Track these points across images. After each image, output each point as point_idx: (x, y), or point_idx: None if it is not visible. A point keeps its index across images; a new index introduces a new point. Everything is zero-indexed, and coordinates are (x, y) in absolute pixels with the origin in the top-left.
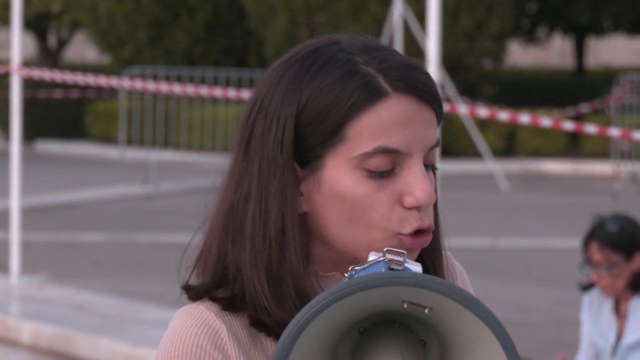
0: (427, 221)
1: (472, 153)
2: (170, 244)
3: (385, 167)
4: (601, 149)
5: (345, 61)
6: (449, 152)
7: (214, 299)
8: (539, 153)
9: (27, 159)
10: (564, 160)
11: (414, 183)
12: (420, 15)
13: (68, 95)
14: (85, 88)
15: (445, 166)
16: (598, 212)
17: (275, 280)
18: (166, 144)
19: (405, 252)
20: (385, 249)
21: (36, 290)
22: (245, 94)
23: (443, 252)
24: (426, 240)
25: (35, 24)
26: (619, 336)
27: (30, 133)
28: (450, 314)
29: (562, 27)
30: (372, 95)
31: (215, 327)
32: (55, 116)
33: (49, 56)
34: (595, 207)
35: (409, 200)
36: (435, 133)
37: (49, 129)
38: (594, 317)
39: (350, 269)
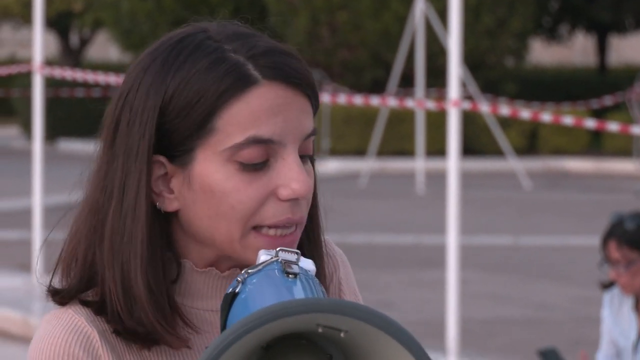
0: (300, 214)
1: (495, 151)
2: None
3: (258, 158)
4: (624, 147)
5: (212, 49)
6: (471, 150)
7: (83, 303)
8: (561, 151)
9: (49, 158)
10: (586, 159)
11: (290, 174)
12: (442, 13)
13: (90, 94)
14: (107, 87)
15: (467, 164)
16: (617, 210)
17: (129, 283)
18: None
19: (295, 251)
20: (278, 249)
21: None
22: None
23: (322, 244)
24: (296, 237)
25: (58, 23)
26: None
27: (53, 132)
28: (367, 335)
29: (584, 25)
30: (240, 84)
31: (87, 332)
32: (78, 115)
33: (71, 55)
34: (617, 205)
35: (284, 193)
36: (310, 122)
37: (71, 128)
38: (615, 315)
39: (243, 272)
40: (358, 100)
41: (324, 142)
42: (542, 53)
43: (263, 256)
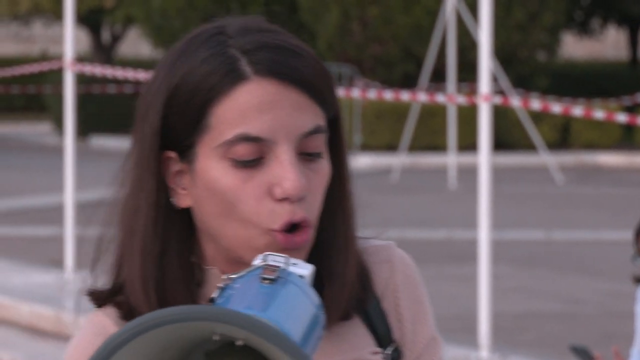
0: (301, 214)
1: (527, 146)
2: None
3: (249, 156)
4: None
5: (216, 43)
6: (503, 145)
7: (116, 304)
8: (593, 145)
9: (81, 154)
10: (618, 153)
11: (281, 173)
12: (474, 7)
13: (122, 91)
14: (139, 83)
15: (499, 159)
16: None
17: (143, 279)
18: None
19: (284, 255)
20: (265, 253)
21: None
22: None
23: (348, 246)
24: (303, 238)
25: (89, 19)
26: None
27: (85, 128)
28: (264, 344)
29: (616, 19)
30: (229, 80)
31: None
32: (109, 111)
33: (103, 51)
34: None
35: (277, 192)
36: (309, 119)
37: (103, 124)
38: None
39: (226, 277)
40: (389, 95)
41: (356, 138)
42: (574, 47)
43: (256, 261)
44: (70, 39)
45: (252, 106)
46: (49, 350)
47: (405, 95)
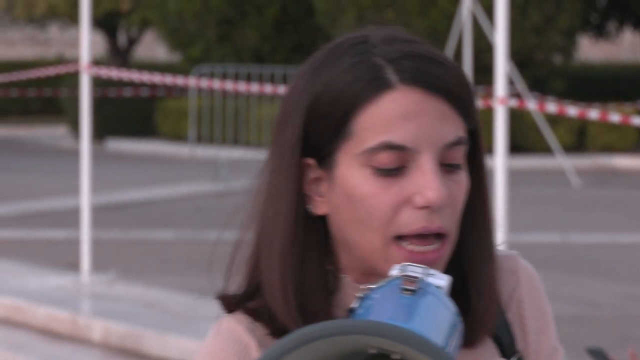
0: (438, 223)
1: (542, 148)
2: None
3: (392, 164)
4: None
5: (360, 52)
6: (519, 147)
7: (246, 311)
8: (609, 148)
9: (98, 157)
10: (635, 156)
11: (423, 182)
12: (490, 10)
13: (138, 94)
14: (155, 86)
15: (515, 162)
16: None
17: (282, 285)
18: (236, 141)
19: (422, 266)
20: (403, 264)
21: (106, 288)
22: None
23: (494, 262)
24: (432, 258)
25: (105, 22)
26: None
27: (101, 131)
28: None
29: (632, 21)
30: (374, 87)
31: (245, 342)
32: (126, 114)
33: (119, 55)
34: None
35: (418, 200)
36: (452, 130)
37: (119, 127)
38: None
39: (365, 287)
40: None
41: None
42: (590, 50)
43: (393, 272)
44: (86, 42)
45: (396, 114)
46: (65, 353)
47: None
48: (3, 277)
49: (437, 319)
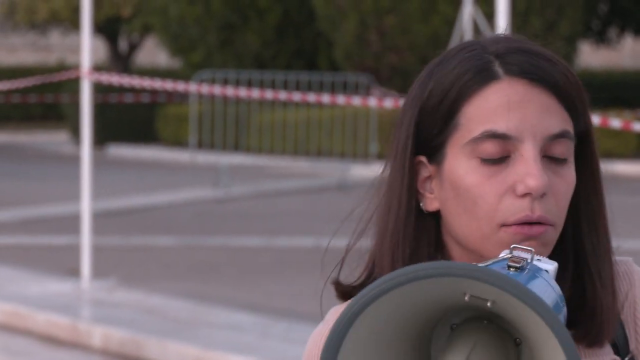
0: (539, 212)
1: None
2: (240, 247)
3: (496, 154)
4: None
5: (470, 50)
6: None
7: None
8: (610, 154)
9: (99, 163)
10: (635, 162)
11: (525, 170)
12: (491, 16)
13: (139, 100)
14: (155, 92)
15: None
16: None
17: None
18: (237, 147)
19: (532, 249)
20: (512, 246)
21: (107, 294)
22: (313, 97)
23: (611, 261)
24: (539, 230)
25: (106, 28)
26: None
27: (102, 137)
28: (512, 308)
29: (633, 28)
30: (481, 79)
31: None
32: (127, 120)
33: (120, 60)
34: None
35: (520, 188)
36: (557, 122)
37: (120, 133)
38: None
39: (473, 265)
40: None
41: (372, 147)
42: (591, 56)
43: (502, 254)
44: (87, 48)
45: (500, 104)
46: (65, 359)
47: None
48: (3, 283)
49: (546, 295)
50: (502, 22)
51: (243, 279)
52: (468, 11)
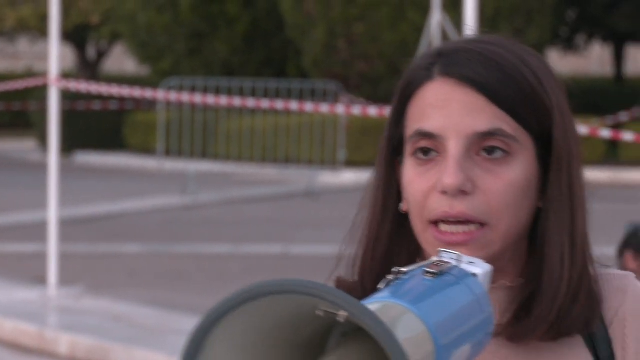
0: (459, 209)
1: None
2: (208, 255)
3: (426, 152)
4: None
5: (427, 51)
6: None
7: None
8: None
9: (66, 170)
10: (602, 169)
11: (444, 168)
12: (459, 23)
13: (107, 107)
14: (123, 99)
15: None
16: (632, 220)
17: (362, 276)
18: (204, 154)
19: (458, 253)
20: (441, 250)
21: (74, 301)
22: (281, 104)
23: (564, 267)
24: (456, 240)
25: (75, 35)
26: None
27: (69, 144)
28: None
29: (601, 35)
30: (420, 78)
31: None
32: (94, 128)
33: (88, 68)
34: (633, 216)
35: (438, 185)
36: (485, 120)
37: (88, 141)
38: None
39: (397, 270)
40: (373, 111)
41: (340, 154)
42: (559, 63)
43: (433, 257)
44: (55, 55)
45: (430, 104)
46: None
47: (389, 111)
48: None
49: (456, 305)
50: (471, 29)
51: (211, 286)
52: (436, 18)
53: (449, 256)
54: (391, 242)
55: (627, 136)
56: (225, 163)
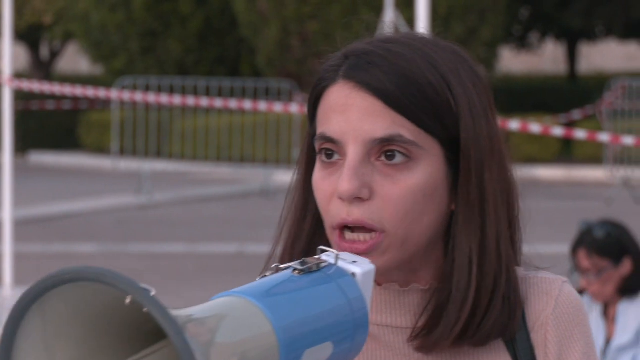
0: (356, 216)
1: None
2: (163, 254)
3: (328, 156)
4: (594, 155)
5: (338, 53)
6: None
7: None
8: (531, 159)
9: (20, 170)
10: (556, 167)
11: (342, 175)
12: (412, 22)
13: (60, 107)
14: (77, 99)
15: None
16: (585, 218)
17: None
18: (159, 154)
19: (335, 252)
20: (322, 248)
21: None
22: (235, 104)
23: (472, 273)
24: (361, 249)
25: (28, 35)
26: (608, 340)
27: (23, 144)
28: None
29: (554, 33)
30: (325, 81)
31: None
32: (48, 127)
33: (42, 67)
34: (588, 213)
35: (337, 192)
36: (383, 125)
37: (42, 140)
38: None
39: (274, 266)
40: None
41: (295, 152)
42: (512, 61)
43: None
44: (8, 55)
45: (331, 107)
46: None
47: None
48: None
49: (318, 301)
50: (423, 27)
51: (166, 285)
52: (389, 16)
53: (327, 254)
54: (310, 242)
55: (580, 134)
56: (180, 162)
